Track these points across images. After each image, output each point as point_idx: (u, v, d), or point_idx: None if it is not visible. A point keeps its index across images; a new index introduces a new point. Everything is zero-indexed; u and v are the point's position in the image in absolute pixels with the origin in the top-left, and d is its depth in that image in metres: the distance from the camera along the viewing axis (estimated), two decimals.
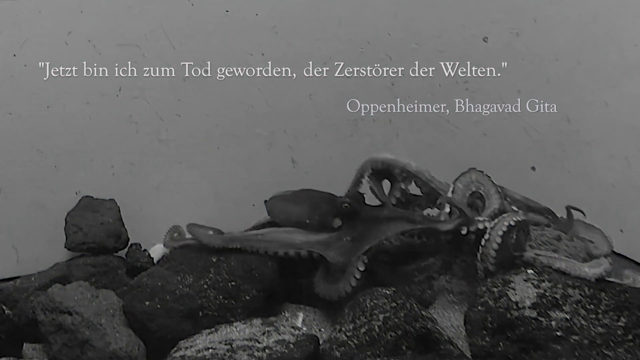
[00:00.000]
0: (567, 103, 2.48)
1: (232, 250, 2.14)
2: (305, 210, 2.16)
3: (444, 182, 2.22)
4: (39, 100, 2.32)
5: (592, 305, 1.81)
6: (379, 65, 2.52)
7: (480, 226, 2.02)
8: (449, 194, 2.14)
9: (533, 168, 2.57)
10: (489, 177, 2.21)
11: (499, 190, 2.17)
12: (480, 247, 1.98)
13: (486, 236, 1.98)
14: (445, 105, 2.57)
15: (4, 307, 2.03)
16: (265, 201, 2.24)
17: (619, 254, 2.36)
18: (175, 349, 1.89)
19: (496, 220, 2.00)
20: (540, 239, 2.11)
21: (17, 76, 2.28)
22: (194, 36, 2.39)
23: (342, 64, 2.51)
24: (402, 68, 2.53)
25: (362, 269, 2.02)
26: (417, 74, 2.54)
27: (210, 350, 1.82)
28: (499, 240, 1.95)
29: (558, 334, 1.78)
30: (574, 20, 2.42)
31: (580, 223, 2.19)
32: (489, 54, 2.52)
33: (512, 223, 1.97)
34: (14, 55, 2.27)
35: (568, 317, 1.79)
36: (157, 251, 2.36)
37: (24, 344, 2.06)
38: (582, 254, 2.17)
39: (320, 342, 1.90)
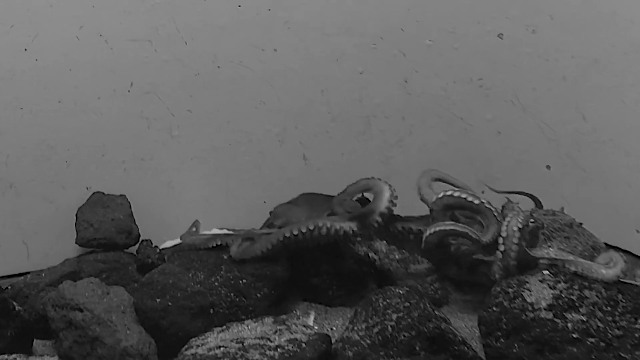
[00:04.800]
0: (583, 101, 2.45)
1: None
2: (306, 210, 2.17)
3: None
4: (49, 95, 2.31)
5: (609, 307, 1.79)
6: (392, 61, 2.50)
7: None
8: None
9: (548, 167, 2.54)
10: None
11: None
12: (498, 261, 1.96)
13: (501, 247, 1.95)
14: (459, 102, 2.55)
15: (14, 303, 2.02)
16: (271, 212, 2.25)
17: (634, 255, 2.34)
18: (186, 346, 1.88)
19: (504, 227, 1.97)
20: (552, 226, 2.08)
21: (28, 71, 2.27)
22: (205, 31, 2.37)
23: (354, 59, 2.49)
24: (416, 64, 2.51)
25: None
26: (430, 71, 2.51)
27: (222, 348, 1.80)
28: (515, 248, 1.93)
29: (574, 336, 1.75)
30: (591, 17, 2.39)
31: None
32: (504, 50, 2.49)
33: (520, 226, 1.94)
34: (25, 49, 2.26)
35: (584, 319, 1.77)
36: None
37: (34, 340, 2.06)
38: (591, 241, 2.14)
39: (332, 341, 1.88)
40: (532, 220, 2.02)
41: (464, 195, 2.05)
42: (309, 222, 2.04)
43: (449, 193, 2.07)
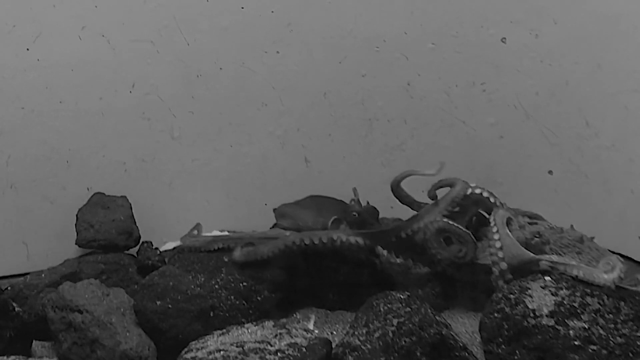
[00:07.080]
0: (586, 106, 2.44)
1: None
2: (313, 214, 2.17)
3: None
4: (51, 95, 2.30)
5: (611, 315, 1.78)
6: (394, 64, 2.49)
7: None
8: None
9: (550, 172, 2.54)
10: None
11: None
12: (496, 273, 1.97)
13: (492, 250, 1.96)
14: (461, 106, 2.54)
15: (13, 304, 2.01)
16: (274, 209, 2.24)
17: (636, 261, 2.33)
18: (186, 350, 1.87)
19: (492, 225, 1.98)
20: (560, 242, 2.07)
21: (30, 70, 2.27)
22: (208, 33, 2.37)
23: (357, 62, 2.48)
24: (418, 68, 2.50)
25: None
26: (433, 74, 2.51)
27: (221, 352, 1.79)
28: (503, 265, 1.94)
29: (576, 343, 1.74)
30: (595, 22, 2.38)
31: None
32: (507, 55, 2.48)
33: (497, 237, 1.96)
34: (27, 49, 2.25)
35: (586, 327, 1.76)
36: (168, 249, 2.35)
37: (33, 342, 2.05)
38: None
39: (333, 346, 1.87)
40: (537, 234, 2.02)
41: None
42: (323, 234, 2.06)
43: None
